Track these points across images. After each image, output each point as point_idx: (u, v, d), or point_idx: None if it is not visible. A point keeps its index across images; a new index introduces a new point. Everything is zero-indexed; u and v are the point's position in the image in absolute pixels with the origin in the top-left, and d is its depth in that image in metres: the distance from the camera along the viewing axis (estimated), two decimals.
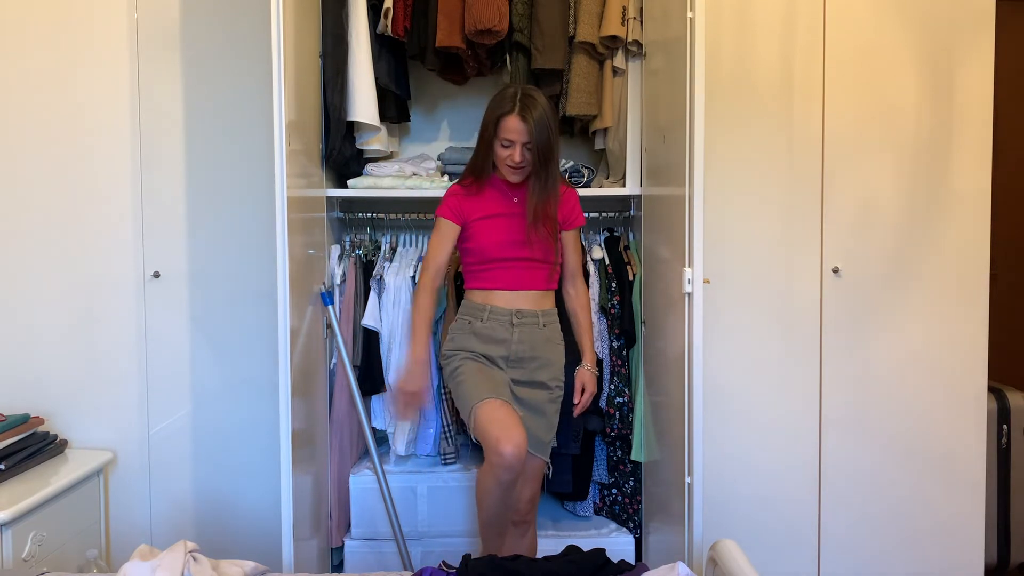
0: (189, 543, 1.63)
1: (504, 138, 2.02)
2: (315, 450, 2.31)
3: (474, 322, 2.10)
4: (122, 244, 2.46)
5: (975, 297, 2.42)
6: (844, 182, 2.42)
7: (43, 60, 2.43)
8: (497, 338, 2.08)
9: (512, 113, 1.99)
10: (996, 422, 2.78)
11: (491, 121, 2.04)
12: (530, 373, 2.10)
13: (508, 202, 2.12)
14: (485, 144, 2.07)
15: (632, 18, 2.35)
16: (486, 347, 2.08)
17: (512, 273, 2.10)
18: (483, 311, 2.10)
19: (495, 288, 2.10)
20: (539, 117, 1.98)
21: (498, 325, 2.08)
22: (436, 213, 2.14)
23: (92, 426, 2.48)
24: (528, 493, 2.13)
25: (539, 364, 2.11)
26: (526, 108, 1.99)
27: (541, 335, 2.12)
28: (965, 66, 2.40)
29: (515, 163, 2.03)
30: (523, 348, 2.09)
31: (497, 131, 2.03)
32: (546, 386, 2.12)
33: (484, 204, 2.12)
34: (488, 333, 2.09)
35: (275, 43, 1.93)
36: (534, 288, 2.12)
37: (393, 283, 2.50)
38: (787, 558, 2.46)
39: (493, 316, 2.09)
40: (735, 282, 2.43)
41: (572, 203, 2.19)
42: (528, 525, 2.18)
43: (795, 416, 2.45)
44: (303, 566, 2.09)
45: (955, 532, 2.45)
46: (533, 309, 2.11)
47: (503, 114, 2.01)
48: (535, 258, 2.10)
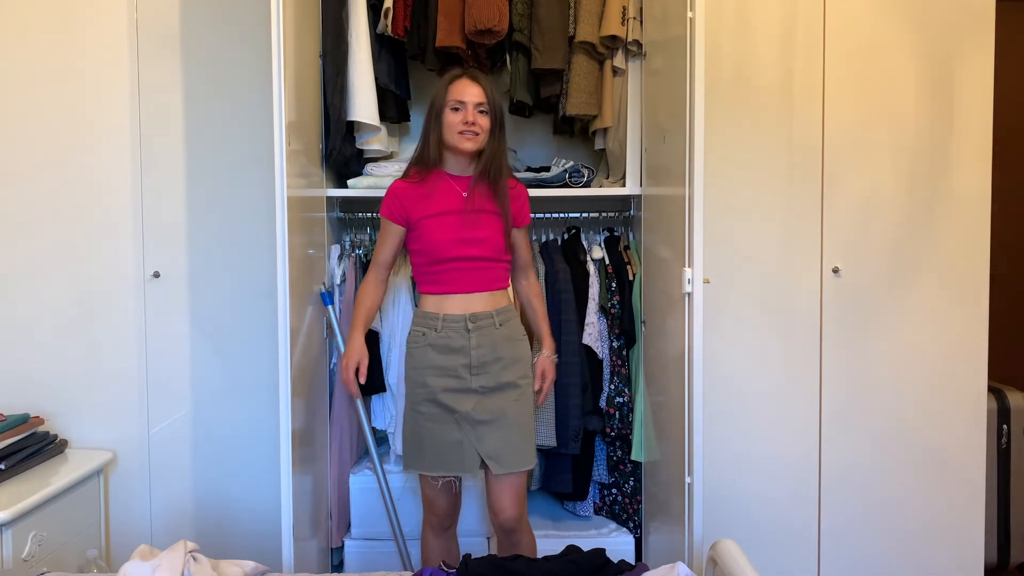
0: (189, 543, 1.63)
1: (455, 100, 1.99)
2: (315, 450, 2.31)
3: (428, 333, 2.04)
4: (122, 244, 2.46)
5: (975, 297, 2.42)
6: (844, 182, 2.42)
7: (43, 60, 2.43)
8: (454, 347, 2.02)
9: (461, 76, 2.02)
10: (996, 422, 2.79)
11: (440, 92, 2.02)
12: (496, 376, 2.03)
13: (456, 197, 2.04)
14: (433, 120, 2.02)
15: (632, 18, 2.35)
16: (444, 359, 2.02)
17: (464, 275, 2.03)
18: (436, 320, 2.04)
19: (447, 292, 2.04)
20: (488, 82, 2.02)
21: (453, 333, 2.03)
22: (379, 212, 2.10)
23: (92, 426, 2.48)
24: (514, 510, 2.05)
25: (503, 364, 2.04)
26: (475, 73, 2.04)
27: (500, 334, 2.05)
28: (965, 66, 2.40)
29: (468, 124, 1.98)
30: (483, 352, 2.02)
31: (447, 97, 2.00)
32: (515, 385, 2.05)
33: (430, 202, 2.04)
34: (444, 343, 2.03)
35: (275, 43, 1.93)
36: (487, 289, 2.06)
37: (392, 283, 2.50)
38: (787, 558, 2.46)
39: (447, 324, 2.03)
40: (735, 282, 2.43)
41: (522, 200, 2.14)
42: (520, 533, 2.09)
43: (795, 416, 2.45)
44: (303, 566, 2.09)
45: (955, 532, 2.45)
46: (487, 310, 2.05)
47: (452, 79, 2.02)
48: (486, 256, 2.04)
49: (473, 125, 1.98)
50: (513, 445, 2.03)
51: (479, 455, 2.01)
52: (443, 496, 2.09)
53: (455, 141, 2.00)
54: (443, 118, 2.01)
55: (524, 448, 2.06)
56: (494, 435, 2.02)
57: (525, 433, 2.07)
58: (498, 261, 2.08)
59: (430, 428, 2.03)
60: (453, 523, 2.17)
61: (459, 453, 2.02)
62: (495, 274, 2.08)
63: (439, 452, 2.02)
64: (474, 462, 2.02)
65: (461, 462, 2.02)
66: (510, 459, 2.02)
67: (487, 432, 2.01)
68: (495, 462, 2.01)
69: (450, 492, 2.10)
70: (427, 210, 2.04)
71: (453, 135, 2.00)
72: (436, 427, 2.03)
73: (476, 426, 2.01)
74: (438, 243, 2.02)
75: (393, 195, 2.07)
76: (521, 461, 2.04)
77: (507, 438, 2.02)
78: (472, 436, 2.01)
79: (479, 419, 2.01)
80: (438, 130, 2.02)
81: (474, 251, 2.03)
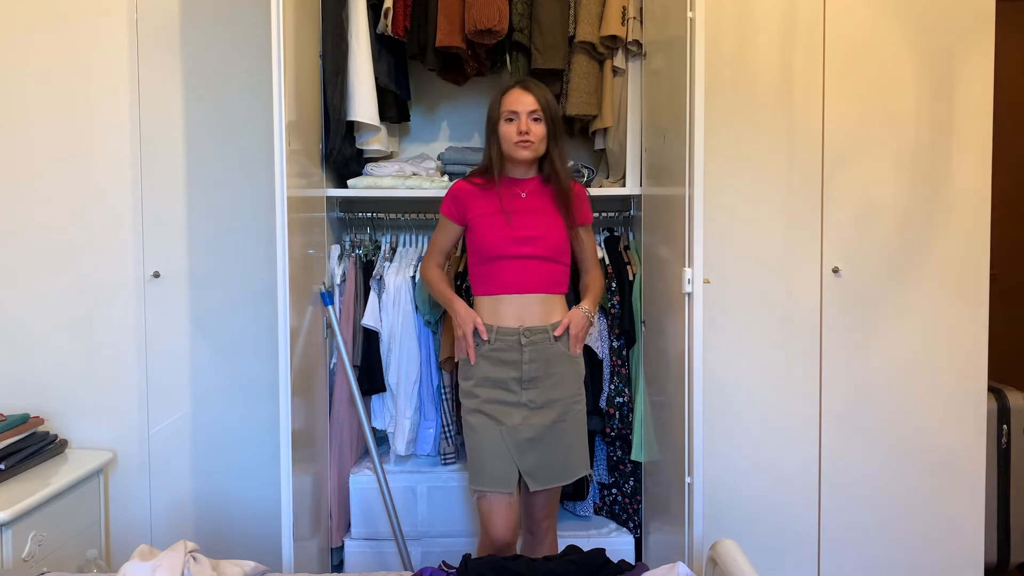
0: (189, 543, 1.63)
1: (508, 111, 2.02)
2: (315, 450, 2.31)
3: (482, 344, 2.05)
4: (122, 244, 2.46)
5: (975, 297, 2.42)
6: (844, 182, 2.42)
7: (43, 60, 2.43)
8: (507, 360, 2.03)
9: (514, 87, 2.04)
10: (996, 422, 2.79)
11: (494, 103, 2.06)
12: (546, 392, 2.03)
13: (515, 198, 2.08)
14: (491, 133, 2.07)
15: (632, 18, 2.35)
16: (496, 371, 2.03)
17: (517, 275, 2.03)
18: (490, 331, 2.04)
19: (500, 293, 2.04)
20: (541, 90, 2.03)
21: (506, 346, 2.03)
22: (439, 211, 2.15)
23: (92, 426, 2.48)
24: (545, 519, 2.10)
25: (554, 381, 2.04)
26: (528, 82, 2.06)
27: (554, 349, 2.05)
28: (965, 66, 2.40)
29: (522, 133, 2.00)
30: (535, 367, 2.03)
31: (501, 109, 2.03)
32: (563, 402, 2.05)
33: (488, 201, 2.08)
34: (497, 356, 2.04)
35: (275, 43, 1.93)
36: (541, 291, 2.04)
37: (393, 283, 2.50)
38: (787, 558, 2.46)
39: (500, 337, 2.03)
40: (735, 282, 2.43)
41: (581, 198, 2.16)
42: (546, 533, 2.13)
43: (795, 415, 2.45)
44: (303, 566, 2.09)
45: (955, 532, 2.45)
46: (542, 324, 2.04)
47: (505, 89, 2.05)
48: (541, 256, 2.03)
49: (527, 134, 2.01)
50: (553, 463, 2.04)
51: (518, 470, 2.02)
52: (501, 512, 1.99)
53: (512, 151, 2.04)
54: (499, 130, 2.04)
55: (565, 465, 2.06)
56: (536, 452, 2.02)
57: (568, 451, 2.07)
58: (554, 262, 2.07)
59: (479, 443, 2.03)
60: (513, 545, 2.04)
61: (503, 468, 2.00)
62: (551, 276, 2.06)
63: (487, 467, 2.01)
64: (513, 477, 2.01)
65: (504, 478, 2.00)
66: (547, 476, 2.04)
67: (530, 448, 2.02)
68: (532, 478, 2.02)
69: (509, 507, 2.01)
70: (483, 209, 2.07)
71: (510, 146, 2.04)
72: (484, 442, 2.02)
73: (520, 442, 2.01)
74: (491, 241, 2.04)
75: (453, 196, 2.12)
76: (557, 478, 2.05)
77: (549, 456, 2.04)
78: (515, 451, 2.01)
79: (525, 435, 2.02)
80: (496, 142, 2.06)
81: (528, 249, 2.03)
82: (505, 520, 2.00)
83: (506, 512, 2.00)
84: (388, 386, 2.51)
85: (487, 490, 2.00)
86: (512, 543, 2.03)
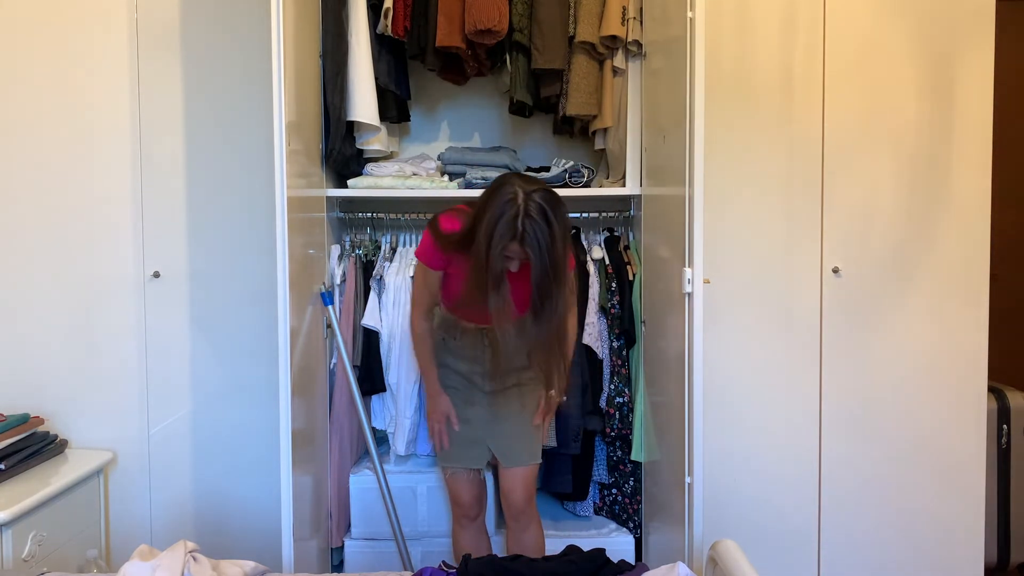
0: (189, 543, 1.63)
1: (505, 255, 1.84)
2: (315, 450, 2.31)
3: (448, 340, 2.17)
4: (122, 244, 2.46)
5: (975, 297, 2.42)
6: (844, 182, 2.42)
7: (43, 60, 2.43)
8: (470, 356, 2.15)
9: (513, 240, 1.80)
10: (996, 422, 2.78)
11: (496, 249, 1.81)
12: (502, 380, 2.13)
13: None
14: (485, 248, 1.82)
15: (632, 18, 2.35)
16: (460, 364, 2.16)
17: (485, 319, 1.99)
18: (456, 329, 2.16)
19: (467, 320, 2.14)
20: (542, 243, 1.78)
21: (469, 344, 2.15)
22: (416, 254, 2.05)
23: (92, 426, 2.48)
24: (523, 493, 2.15)
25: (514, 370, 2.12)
26: (527, 235, 1.78)
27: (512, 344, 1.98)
28: (965, 66, 2.40)
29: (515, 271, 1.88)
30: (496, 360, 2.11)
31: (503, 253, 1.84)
32: (521, 385, 2.14)
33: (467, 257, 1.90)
34: (462, 352, 2.16)
35: (275, 43, 1.93)
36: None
37: (393, 283, 2.50)
38: (787, 558, 2.46)
39: (465, 336, 2.15)
40: (735, 282, 2.43)
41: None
42: (528, 519, 2.17)
43: (795, 415, 2.45)
44: (303, 566, 2.09)
45: (955, 532, 2.45)
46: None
47: (505, 246, 1.81)
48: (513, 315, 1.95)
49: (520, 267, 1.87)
50: (521, 442, 2.14)
51: (489, 450, 2.15)
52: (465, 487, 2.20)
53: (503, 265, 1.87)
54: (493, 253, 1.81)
55: (528, 450, 2.15)
56: (502, 432, 2.14)
57: (529, 438, 2.16)
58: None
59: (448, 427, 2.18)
60: (480, 513, 2.26)
61: (472, 448, 2.16)
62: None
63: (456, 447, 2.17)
64: (484, 456, 2.17)
65: (474, 456, 2.17)
66: (514, 455, 2.14)
67: (496, 430, 2.15)
68: (503, 457, 2.14)
69: (472, 482, 2.21)
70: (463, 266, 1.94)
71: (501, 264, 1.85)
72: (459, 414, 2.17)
73: (486, 424, 2.15)
74: (464, 298, 1.99)
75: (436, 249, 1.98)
76: (524, 459, 2.14)
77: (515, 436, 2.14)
78: (484, 433, 2.15)
79: (489, 418, 2.15)
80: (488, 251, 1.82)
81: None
82: (469, 489, 2.20)
83: (468, 485, 2.20)
84: (388, 386, 2.51)
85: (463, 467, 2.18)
86: (479, 512, 2.25)
